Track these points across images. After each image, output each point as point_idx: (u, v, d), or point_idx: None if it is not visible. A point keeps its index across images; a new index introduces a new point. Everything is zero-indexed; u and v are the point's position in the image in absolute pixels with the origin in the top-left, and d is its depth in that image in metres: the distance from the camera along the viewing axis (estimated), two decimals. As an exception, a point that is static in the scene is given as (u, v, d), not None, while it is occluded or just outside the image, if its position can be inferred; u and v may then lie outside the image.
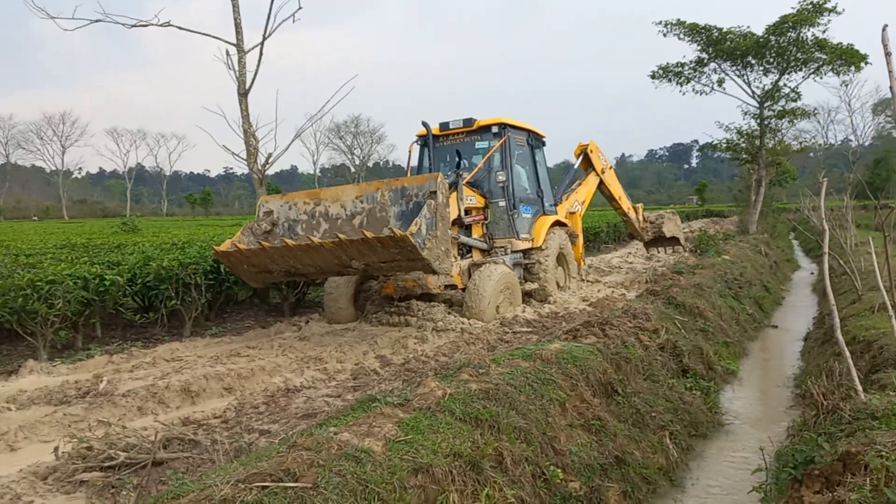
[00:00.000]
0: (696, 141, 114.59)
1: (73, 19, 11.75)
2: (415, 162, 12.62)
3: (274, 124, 12.47)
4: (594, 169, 15.33)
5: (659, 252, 21.39)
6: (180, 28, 12.51)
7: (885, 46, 4.49)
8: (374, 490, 3.79)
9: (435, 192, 8.65)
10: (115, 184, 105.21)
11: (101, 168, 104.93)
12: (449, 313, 9.95)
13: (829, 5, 23.15)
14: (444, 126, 12.16)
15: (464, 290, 10.42)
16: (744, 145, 26.46)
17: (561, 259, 12.81)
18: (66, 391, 6.91)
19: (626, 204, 16.89)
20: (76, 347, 9.10)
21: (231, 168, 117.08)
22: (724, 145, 26.75)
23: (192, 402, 6.62)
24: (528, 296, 11.59)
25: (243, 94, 12.21)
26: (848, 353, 5.50)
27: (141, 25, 12.38)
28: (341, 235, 8.08)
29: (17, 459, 5.31)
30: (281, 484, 3.58)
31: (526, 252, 12.04)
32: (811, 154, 49.66)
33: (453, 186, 10.23)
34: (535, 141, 12.92)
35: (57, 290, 8.30)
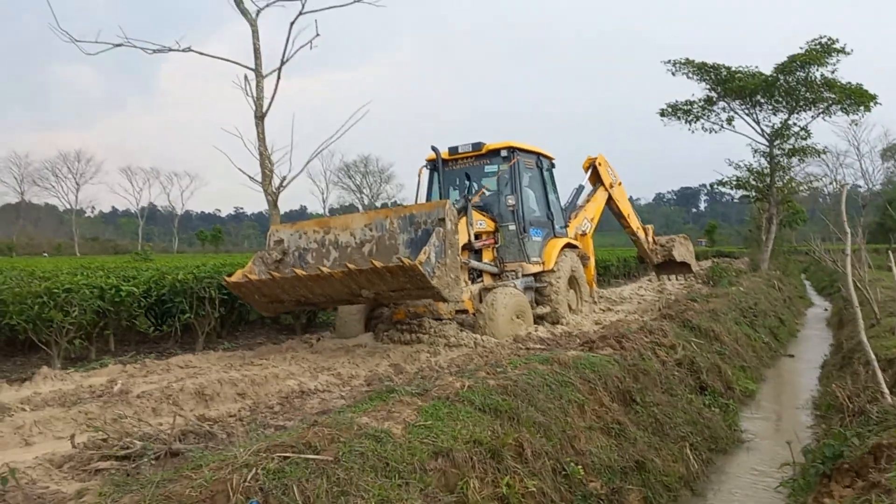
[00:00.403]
0: (704, 185, 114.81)
1: (97, 43, 11.99)
2: (424, 186, 12.63)
3: (289, 148, 12.46)
4: (603, 184, 15.17)
5: (670, 280, 21.24)
6: (201, 53, 12.75)
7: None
8: (394, 468, 3.74)
9: (443, 219, 8.65)
10: (127, 222, 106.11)
11: (113, 207, 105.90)
12: (461, 330, 9.88)
13: (837, 46, 23.40)
14: (453, 150, 12.16)
15: (475, 314, 10.34)
16: (754, 183, 26.50)
17: (573, 282, 12.65)
18: (81, 394, 6.87)
19: (634, 222, 16.63)
20: (89, 359, 9.08)
21: (241, 208, 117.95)
22: (735, 182, 26.79)
23: (205, 405, 6.56)
24: (539, 319, 11.44)
25: (260, 117, 12.36)
26: (873, 356, 5.45)
27: (162, 51, 12.61)
28: (350, 265, 8.11)
29: (32, 452, 5.26)
30: (302, 455, 3.54)
31: (537, 275, 11.89)
32: (820, 199, 49.64)
33: (463, 211, 10.26)
34: (545, 163, 12.86)
35: (73, 298, 8.32)
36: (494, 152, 11.83)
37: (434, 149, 12.00)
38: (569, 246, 12.76)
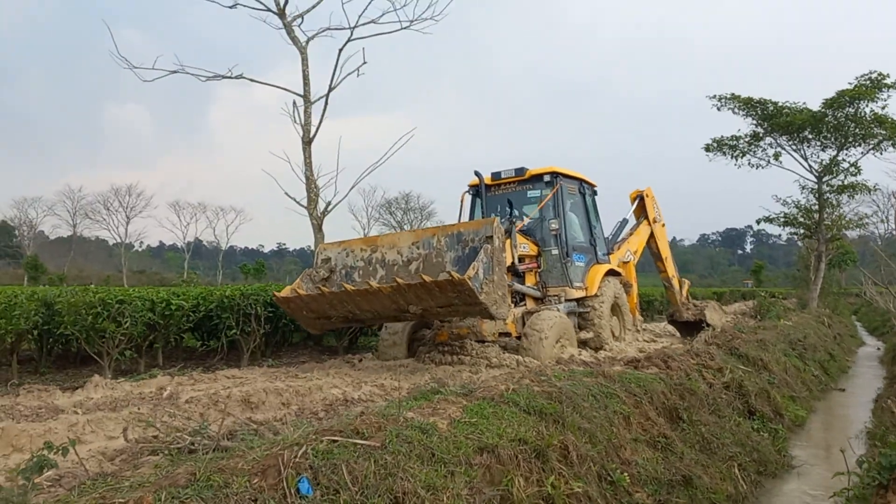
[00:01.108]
0: (750, 227, 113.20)
1: (153, 70, 12.47)
2: (466, 211, 12.66)
3: (334, 173, 12.70)
4: (647, 217, 15.05)
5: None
6: (252, 80, 13.16)
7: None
8: (440, 458, 3.76)
9: (491, 236, 8.63)
10: (174, 256, 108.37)
11: (160, 241, 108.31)
12: (503, 352, 9.84)
13: (888, 81, 23.08)
14: (496, 175, 12.17)
15: (518, 338, 10.28)
16: (802, 220, 26.05)
17: (615, 309, 12.48)
18: (131, 399, 7.03)
19: (671, 269, 16.09)
20: (138, 371, 9.28)
21: (284, 244, 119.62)
22: (782, 219, 26.36)
23: (251, 411, 6.64)
24: (583, 344, 11.32)
25: (308, 142, 12.66)
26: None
27: (215, 78, 13.05)
28: (399, 280, 8.13)
29: (85, 447, 5.40)
30: (350, 440, 3.58)
31: (580, 300, 11.78)
32: (871, 242, 48.44)
33: (507, 234, 10.22)
34: (587, 190, 12.81)
35: (126, 310, 8.55)
36: (537, 177, 11.87)
37: (477, 174, 12.06)
38: (612, 273, 12.67)
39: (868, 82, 23.19)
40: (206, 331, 10.59)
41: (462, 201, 12.57)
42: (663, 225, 15.80)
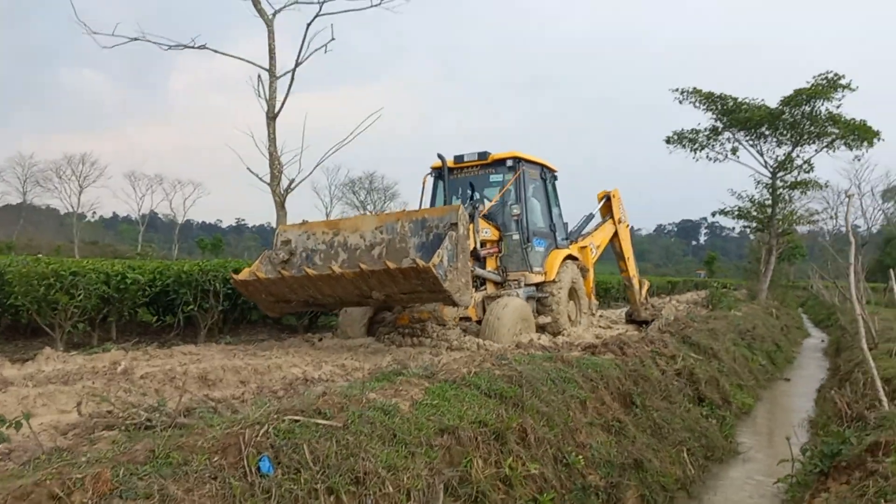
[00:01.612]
0: (705, 219, 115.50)
1: (113, 36, 12.16)
2: (428, 194, 12.64)
3: (298, 150, 12.56)
4: (612, 217, 15.19)
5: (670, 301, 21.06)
6: (216, 51, 12.94)
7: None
8: (401, 439, 3.80)
9: (456, 223, 8.62)
10: (127, 228, 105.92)
11: (114, 212, 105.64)
12: (464, 335, 9.91)
13: (843, 82, 23.67)
14: (458, 159, 12.17)
15: (478, 322, 10.33)
16: (755, 213, 26.67)
17: (573, 293, 12.66)
18: (84, 373, 6.90)
19: (632, 268, 16.29)
20: (91, 345, 9.12)
21: (243, 220, 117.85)
22: (737, 212, 26.95)
23: (208, 389, 6.58)
24: (541, 329, 11.41)
25: (272, 117, 12.50)
26: (873, 364, 5.50)
27: (177, 47, 12.78)
28: (363, 266, 8.06)
29: (36, 421, 5.29)
30: (312, 419, 3.59)
31: (539, 285, 11.90)
32: (819, 237, 49.89)
33: (470, 219, 10.17)
34: (549, 175, 12.90)
35: (80, 282, 8.38)
36: (500, 162, 11.93)
37: (440, 156, 12.01)
38: (570, 257, 12.79)
39: (824, 82, 23.76)
40: (162, 306, 10.43)
41: (424, 184, 12.55)
42: (628, 225, 15.99)
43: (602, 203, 15.02)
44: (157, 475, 2.82)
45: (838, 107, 24.02)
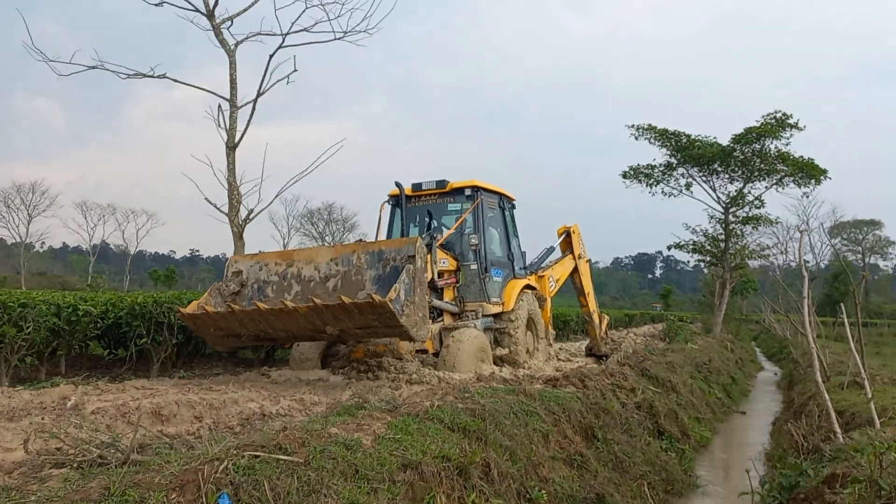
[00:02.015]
0: (660, 252, 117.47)
1: (70, 64, 11.97)
2: (385, 222, 12.29)
3: (258, 180, 12.45)
4: (572, 252, 15.13)
5: (629, 336, 21.26)
6: (175, 80, 12.80)
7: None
8: (364, 475, 3.74)
9: (413, 256, 8.45)
10: (78, 259, 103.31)
11: (64, 243, 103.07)
12: (422, 367, 9.78)
13: (791, 121, 24.53)
14: (416, 187, 11.98)
15: (435, 354, 10.17)
16: (709, 248, 27.25)
17: (530, 323, 12.42)
18: (31, 409, 6.64)
19: (592, 303, 16.08)
20: (39, 379, 8.80)
21: (197, 251, 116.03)
22: (691, 246, 27.50)
23: (162, 424, 6.39)
24: (498, 361, 11.24)
25: (232, 147, 12.38)
26: (828, 397, 5.60)
27: (137, 76, 12.63)
28: (317, 300, 7.81)
29: (-21, 460, 5.06)
30: (273, 455, 3.50)
31: (496, 316, 11.62)
32: (770, 272, 51.28)
33: (427, 249, 10.00)
34: (507, 204, 12.80)
35: (29, 314, 8.11)
36: (458, 191, 11.76)
37: (398, 184, 11.85)
38: (528, 287, 12.68)
39: (773, 121, 24.58)
40: (114, 339, 10.15)
41: (381, 211, 12.29)
42: (588, 261, 15.95)
43: (562, 238, 15.00)
44: (112, 515, 2.72)
45: (787, 145, 24.87)
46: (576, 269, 15.29)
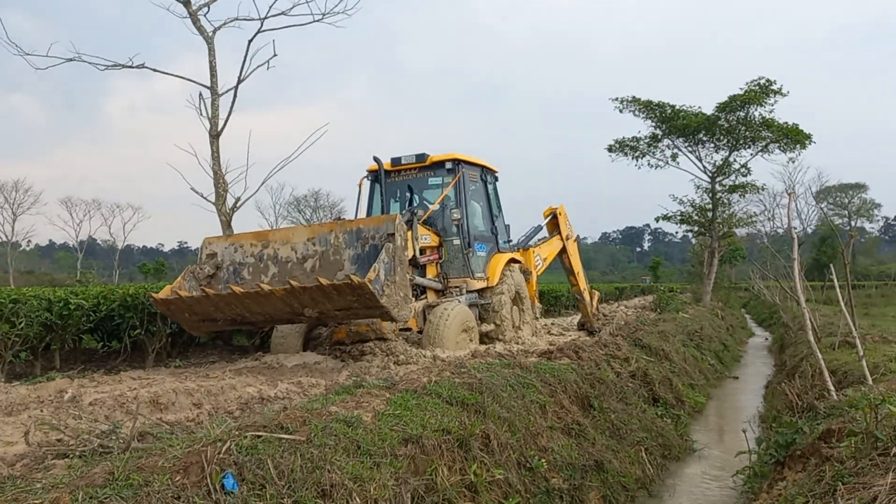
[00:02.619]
0: (648, 225, 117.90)
1: (47, 57, 11.82)
2: (365, 198, 11.95)
3: (244, 168, 12.37)
4: (560, 233, 14.89)
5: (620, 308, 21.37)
6: (155, 70, 12.67)
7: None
8: (366, 450, 3.77)
9: (393, 234, 8.19)
10: (65, 256, 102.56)
11: (50, 240, 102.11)
12: (409, 346, 9.54)
13: (774, 87, 24.58)
14: (395, 161, 11.64)
15: (420, 332, 9.93)
16: (696, 218, 27.38)
17: (516, 298, 12.18)
18: (28, 403, 6.64)
19: (583, 282, 15.93)
20: (34, 374, 8.78)
21: (185, 242, 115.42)
22: (679, 217, 27.62)
23: (161, 413, 6.41)
24: (484, 337, 10.92)
25: (215, 135, 12.28)
26: (820, 356, 5.68)
27: (115, 67, 12.48)
28: (294, 282, 7.58)
29: (-21, 454, 5.07)
30: (275, 434, 3.53)
31: (481, 291, 11.39)
32: (758, 240, 51.61)
33: (408, 225, 9.66)
34: (489, 177, 12.52)
35: (20, 310, 8.07)
36: (439, 164, 11.47)
37: (376, 159, 11.49)
38: (512, 261, 12.44)
39: (757, 88, 24.61)
40: (108, 331, 10.10)
41: (360, 188, 11.86)
42: (576, 240, 15.79)
43: (548, 220, 14.82)
44: (118, 497, 2.74)
45: (771, 112, 24.95)
46: (564, 250, 15.13)
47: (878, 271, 62.81)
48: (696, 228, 28.80)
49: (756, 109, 24.91)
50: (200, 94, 12.28)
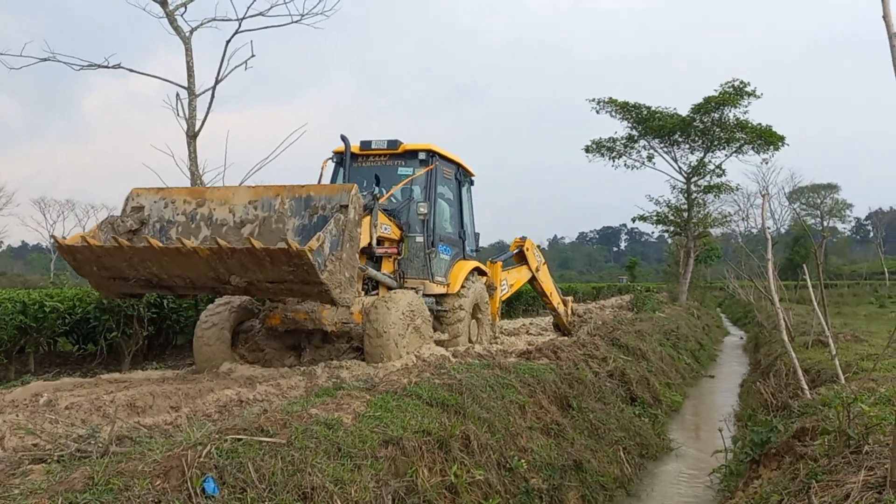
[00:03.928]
0: (625, 225, 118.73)
1: (21, 57, 11.68)
2: (327, 181, 10.78)
3: (221, 169, 12.28)
4: (528, 265, 14.10)
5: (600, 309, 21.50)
6: (131, 70, 12.57)
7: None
8: (346, 452, 3.78)
9: (346, 206, 7.25)
10: (38, 257, 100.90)
11: (23, 241, 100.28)
12: (351, 353, 8.60)
13: (748, 89, 24.92)
14: (365, 145, 10.69)
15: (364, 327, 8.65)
16: (672, 218, 27.67)
17: (476, 310, 11.25)
18: (2, 407, 6.55)
19: (556, 299, 15.30)
20: (8, 378, 8.66)
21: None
22: (655, 217, 27.89)
23: (139, 416, 6.36)
24: (437, 344, 9.64)
25: (192, 136, 12.19)
26: (794, 355, 5.77)
27: (91, 67, 12.36)
28: (221, 241, 6.60)
29: (-47, 460, 5.00)
30: (255, 437, 3.52)
31: (439, 297, 10.43)
32: (733, 240, 52.24)
33: (367, 210, 8.86)
34: (464, 178, 11.67)
35: (-7, 313, 7.98)
36: (412, 153, 10.59)
37: (343, 138, 10.52)
38: (478, 271, 11.59)
39: (731, 89, 24.93)
40: (83, 334, 10.00)
41: (323, 168, 10.77)
42: (544, 263, 15.10)
43: (516, 252, 14.02)
44: (98, 502, 2.73)
45: (745, 113, 25.31)
46: (534, 279, 14.53)
47: (850, 271, 63.90)
48: (671, 228, 29.11)
49: (730, 111, 25.25)
50: (178, 95, 12.19)
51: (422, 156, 10.56)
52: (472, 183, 12.30)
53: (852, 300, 33.82)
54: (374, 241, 9.03)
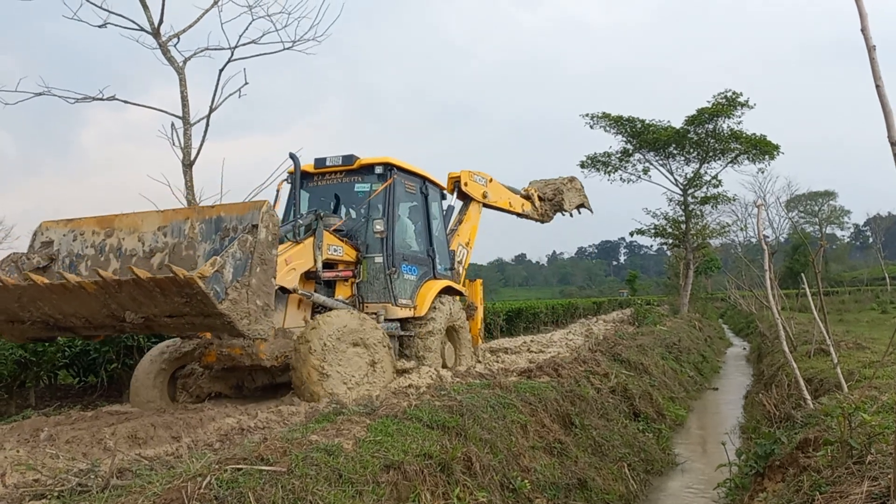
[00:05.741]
0: (623, 238, 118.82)
1: (16, 92, 11.73)
2: (283, 204, 10.08)
3: (218, 197, 12.30)
4: (473, 198, 12.67)
5: (597, 324, 21.50)
6: (126, 102, 12.63)
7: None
8: (347, 479, 3.76)
9: (257, 225, 6.51)
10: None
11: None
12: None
13: (741, 99, 25.07)
14: (319, 163, 10.11)
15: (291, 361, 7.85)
16: (670, 230, 27.71)
17: (452, 334, 10.53)
18: (3, 444, 6.53)
19: (518, 204, 13.82)
20: (9, 413, 8.63)
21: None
22: (653, 230, 27.93)
23: (140, 447, 6.34)
24: (401, 374, 8.80)
25: (188, 165, 12.24)
26: (795, 366, 5.76)
27: (86, 100, 12.42)
28: (104, 273, 6.02)
29: (-47, 499, 4.98)
30: (255, 467, 3.51)
31: (404, 322, 9.70)
32: (732, 250, 52.29)
33: (309, 230, 8.39)
34: (431, 191, 10.80)
35: (-7, 348, 7.97)
36: (368, 168, 9.92)
37: (293, 156, 9.85)
38: (450, 290, 10.77)
39: (724, 100, 25.07)
40: (83, 366, 9.99)
41: (278, 191, 10.06)
42: (491, 180, 13.22)
43: (455, 193, 12.42)
44: (98, 539, 2.71)
45: (739, 124, 25.43)
46: (487, 207, 13.14)
47: (850, 277, 63.81)
48: (670, 241, 29.15)
49: (724, 121, 25.38)
50: (172, 125, 12.23)
51: (378, 170, 9.91)
52: (444, 197, 11.63)
53: (854, 307, 33.74)
54: (320, 265, 8.55)
